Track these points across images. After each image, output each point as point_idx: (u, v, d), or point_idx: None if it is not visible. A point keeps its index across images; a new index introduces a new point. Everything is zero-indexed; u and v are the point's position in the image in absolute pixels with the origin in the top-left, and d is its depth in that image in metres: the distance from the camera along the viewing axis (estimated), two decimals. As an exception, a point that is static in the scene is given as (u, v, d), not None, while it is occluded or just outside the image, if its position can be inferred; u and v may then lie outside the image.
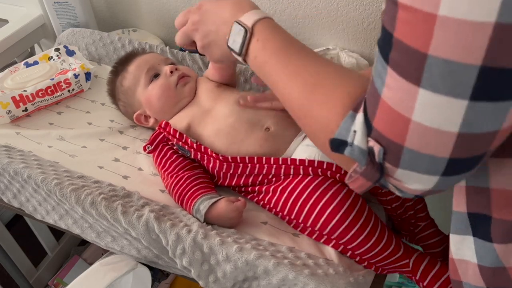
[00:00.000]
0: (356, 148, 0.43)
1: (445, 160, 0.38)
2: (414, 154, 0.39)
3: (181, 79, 0.87)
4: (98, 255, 1.52)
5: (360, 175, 0.45)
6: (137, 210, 0.72)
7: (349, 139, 0.44)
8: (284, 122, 0.78)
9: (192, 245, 0.68)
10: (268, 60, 0.53)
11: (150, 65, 0.89)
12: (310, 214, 0.68)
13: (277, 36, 0.54)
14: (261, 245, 0.69)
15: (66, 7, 1.18)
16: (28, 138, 0.90)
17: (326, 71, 0.50)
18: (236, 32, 0.55)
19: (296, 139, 0.77)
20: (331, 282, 0.63)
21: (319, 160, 0.72)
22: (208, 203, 0.72)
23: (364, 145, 0.43)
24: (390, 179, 0.43)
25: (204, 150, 0.78)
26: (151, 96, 0.87)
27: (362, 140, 0.43)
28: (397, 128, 0.39)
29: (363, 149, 0.43)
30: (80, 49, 1.10)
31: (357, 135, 0.43)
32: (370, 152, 0.42)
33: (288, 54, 0.53)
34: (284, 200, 0.71)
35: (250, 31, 0.54)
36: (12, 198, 0.86)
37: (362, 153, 0.43)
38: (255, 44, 0.54)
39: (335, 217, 0.66)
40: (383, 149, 0.41)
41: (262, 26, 0.55)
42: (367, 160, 0.43)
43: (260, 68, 0.55)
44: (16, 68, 1.01)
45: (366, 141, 0.42)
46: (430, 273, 0.68)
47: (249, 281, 0.68)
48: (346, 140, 0.44)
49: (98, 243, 0.80)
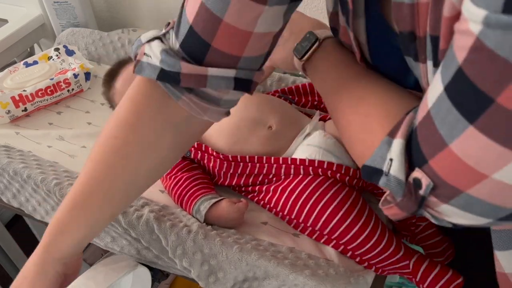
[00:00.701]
0: (392, 178, 0.39)
1: (510, 210, 0.35)
2: (474, 200, 0.35)
3: None
4: (98, 255, 1.52)
5: (395, 205, 0.41)
6: (137, 210, 0.72)
7: (384, 168, 0.40)
8: (287, 121, 0.78)
9: (192, 246, 0.68)
10: (325, 70, 0.55)
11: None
12: (310, 213, 0.68)
13: (342, 52, 0.56)
14: (261, 245, 0.69)
15: (66, 7, 1.17)
16: (28, 138, 0.90)
17: (375, 86, 0.49)
18: (307, 39, 0.57)
19: (297, 138, 0.77)
20: (331, 283, 0.63)
21: (319, 159, 0.72)
22: (209, 203, 0.72)
23: (402, 175, 0.39)
24: (429, 210, 0.39)
25: (205, 149, 0.78)
26: None
27: (399, 170, 0.39)
28: (463, 179, 0.35)
29: (400, 180, 0.39)
30: (79, 49, 1.10)
31: (394, 164, 0.39)
32: (415, 182, 0.38)
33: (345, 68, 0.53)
34: (284, 200, 0.71)
35: (320, 41, 0.56)
36: (12, 198, 0.86)
37: (400, 184, 0.39)
38: (319, 53, 0.56)
39: (336, 217, 0.66)
40: (433, 185, 0.36)
41: (332, 42, 0.56)
42: (404, 191, 0.39)
43: (316, 76, 0.56)
44: (16, 68, 1.01)
45: (405, 171, 0.39)
46: (430, 275, 0.68)
47: (249, 282, 0.68)
48: (380, 169, 0.40)
49: (98, 243, 0.80)
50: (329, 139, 0.75)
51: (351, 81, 0.51)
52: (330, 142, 0.75)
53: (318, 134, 0.77)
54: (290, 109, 0.83)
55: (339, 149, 0.75)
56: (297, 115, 0.83)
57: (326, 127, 0.80)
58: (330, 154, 0.73)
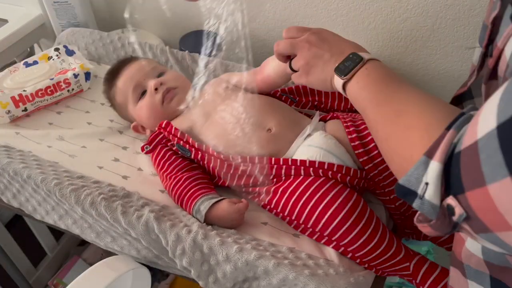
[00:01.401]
0: (426, 202, 0.39)
1: None
2: (503, 242, 0.35)
3: (166, 96, 0.86)
4: (97, 255, 1.52)
5: (429, 226, 0.41)
6: (137, 210, 0.72)
7: (419, 191, 0.39)
8: (286, 123, 0.78)
9: (192, 246, 0.68)
10: (366, 85, 0.55)
11: (136, 81, 0.88)
12: (311, 215, 0.68)
13: (384, 69, 0.57)
14: (261, 245, 0.69)
15: (66, 6, 1.17)
16: (28, 138, 0.90)
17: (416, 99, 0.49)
18: (350, 59, 0.58)
19: (297, 139, 0.77)
20: (331, 283, 0.63)
21: (320, 161, 0.72)
22: (209, 203, 0.72)
23: (437, 201, 0.38)
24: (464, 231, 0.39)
25: (206, 149, 0.78)
26: (141, 115, 0.88)
27: (435, 196, 0.38)
28: (494, 221, 0.34)
29: (435, 205, 0.38)
30: (79, 49, 1.09)
31: (429, 189, 0.38)
32: (449, 209, 0.38)
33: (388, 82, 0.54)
34: (285, 201, 0.71)
35: (365, 61, 0.57)
36: (12, 198, 0.86)
37: (434, 209, 0.39)
38: (363, 71, 0.57)
39: (336, 219, 0.66)
40: (465, 215, 0.36)
41: (376, 62, 0.58)
42: (438, 215, 0.39)
43: (355, 95, 0.57)
44: (16, 68, 1.01)
45: (440, 196, 0.38)
46: (430, 278, 0.68)
47: (249, 282, 0.68)
48: (415, 191, 0.40)
49: (98, 243, 0.80)
50: (329, 139, 0.75)
51: (393, 94, 0.51)
52: (330, 142, 0.75)
53: (319, 134, 0.76)
54: (290, 111, 0.83)
55: (340, 149, 0.74)
56: (297, 116, 0.83)
57: (327, 127, 0.80)
58: (331, 155, 0.73)
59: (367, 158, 0.73)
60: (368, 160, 0.73)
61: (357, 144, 0.74)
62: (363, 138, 0.74)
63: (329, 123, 0.81)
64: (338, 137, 0.76)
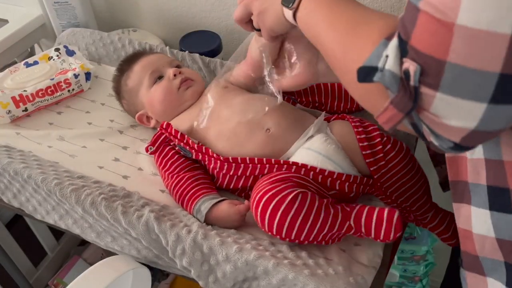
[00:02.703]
0: (387, 72, 0.40)
1: (495, 76, 0.34)
2: (458, 70, 0.35)
3: (183, 83, 0.88)
4: (98, 255, 1.52)
5: (390, 104, 0.41)
6: (137, 210, 0.72)
7: (380, 64, 0.40)
8: (286, 123, 0.78)
9: (192, 245, 0.68)
10: (314, 8, 0.55)
11: (155, 67, 0.89)
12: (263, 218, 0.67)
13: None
14: (261, 245, 0.69)
15: (66, 7, 1.18)
16: (28, 138, 0.90)
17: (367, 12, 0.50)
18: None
19: (298, 140, 0.76)
20: (330, 282, 0.63)
21: (321, 168, 0.72)
22: (210, 203, 0.72)
23: (397, 69, 0.39)
24: (425, 115, 0.39)
25: (205, 151, 0.78)
26: (153, 98, 0.88)
27: (394, 64, 0.39)
28: (438, 39, 0.35)
29: (395, 73, 0.39)
30: (80, 49, 1.10)
31: (389, 59, 0.40)
32: (405, 75, 0.38)
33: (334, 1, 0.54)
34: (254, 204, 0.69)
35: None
36: (12, 198, 0.86)
37: (394, 78, 0.39)
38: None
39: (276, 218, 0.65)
40: (420, 68, 0.37)
41: None
42: (399, 86, 0.39)
43: (307, 20, 0.57)
44: (16, 68, 1.01)
45: (399, 65, 0.39)
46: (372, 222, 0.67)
47: (249, 281, 0.68)
48: (376, 66, 0.41)
49: (98, 243, 0.80)
50: (329, 144, 0.74)
51: (344, 10, 0.51)
52: (330, 148, 0.74)
53: (319, 138, 0.75)
54: (291, 110, 0.82)
55: (339, 155, 0.74)
56: (299, 116, 0.81)
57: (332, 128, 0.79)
58: (330, 161, 0.73)
59: (372, 160, 0.74)
60: (373, 162, 0.73)
61: (366, 145, 0.74)
62: (371, 140, 0.75)
63: (334, 124, 0.80)
64: (340, 141, 0.76)
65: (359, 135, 0.75)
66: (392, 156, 0.74)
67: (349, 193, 0.74)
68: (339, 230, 0.68)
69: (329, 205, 0.68)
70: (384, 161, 0.73)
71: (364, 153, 0.74)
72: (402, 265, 1.23)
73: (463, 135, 0.39)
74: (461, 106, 0.36)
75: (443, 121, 0.38)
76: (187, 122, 0.83)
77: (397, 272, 1.23)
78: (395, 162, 0.74)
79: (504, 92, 0.35)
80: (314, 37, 0.56)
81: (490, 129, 0.38)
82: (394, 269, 1.23)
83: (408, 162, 0.75)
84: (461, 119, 0.37)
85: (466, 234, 0.55)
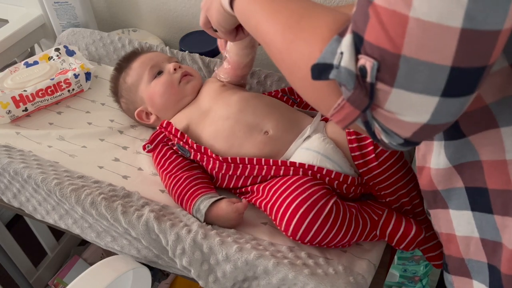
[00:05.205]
0: (343, 69, 0.39)
1: (446, 69, 0.34)
2: (412, 63, 0.35)
3: (184, 77, 0.89)
4: (98, 255, 1.52)
5: (346, 101, 0.40)
6: (137, 210, 0.72)
7: (335, 61, 0.39)
8: (285, 124, 0.78)
9: (192, 245, 0.68)
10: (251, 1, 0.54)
11: (154, 62, 0.90)
12: (282, 219, 0.67)
13: None
14: (261, 245, 0.69)
15: (66, 7, 1.18)
16: (28, 138, 0.91)
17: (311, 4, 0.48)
18: None
19: (296, 141, 0.77)
20: (330, 282, 0.63)
21: (319, 166, 0.72)
22: (209, 202, 0.72)
23: (352, 66, 0.38)
24: (379, 112, 0.39)
25: (204, 151, 0.78)
26: (154, 93, 0.88)
27: (349, 61, 0.38)
28: (392, 31, 0.35)
29: (350, 71, 0.39)
30: (80, 49, 1.10)
31: (344, 56, 0.39)
32: (361, 72, 0.38)
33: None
34: (265, 201, 0.70)
35: None
36: (12, 198, 0.86)
37: (350, 75, 0.39)
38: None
39: (303, 224, 0.65)
40: (377, 63, 0.36)
41: None
42: (355, 83, 0.39)
43: (243, 9, 0.56)
44: (16, 68, 1.01)
45: (355, 61, 0.38)
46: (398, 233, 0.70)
47: (249, 281, 0.68)
48: (331, 63, 0.40)
49: (98, 243, 0.80)
50: (327, 144, 0.74)
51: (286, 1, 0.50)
52: (328, 147, 0.74)
53: (317, 138, 0.75)
54: (289, 111, 0.82)
55: (337, 154, 0.74)
56: (296, 117, 0.82)
57: (327, 128, 0.79)
58: (328, 160, 0.73)
59: (362, 161, 0.73)
60: (363, 164, 0.73)
61: (355, 147, 0.73)
62: (361, 141, 0.74)
63: (330, 124, 0.80)
64: (338, 139, 0.76)
65: (349, 136, 0.74)
66: (384, 158, 0.73)
67: (347, 195, 0.74)
68: (365, 239, 0.71)
69: (358, 214, 0.70)
70: (377, 162, 0.72)
71: (353, 155, 0.73)
72: (402, 265, 1.23)
73: (414, 130, 0.39)
74: (415, 100, 0.36)
75: (397, 117, 0.38)
76: (184, 121, 0.84)
77: (397, 272, 1.23)
78: (388, 164, 0.73)
79: (455, 85, 0.35)
80: (253, 28, 0.54)
81: (440, 123, 0.38)
82: (394, 269, 1.23)
83: (402, 165, 0.74)
84: (414, 114, 0.37)
85: (449, 238, 0.54)
